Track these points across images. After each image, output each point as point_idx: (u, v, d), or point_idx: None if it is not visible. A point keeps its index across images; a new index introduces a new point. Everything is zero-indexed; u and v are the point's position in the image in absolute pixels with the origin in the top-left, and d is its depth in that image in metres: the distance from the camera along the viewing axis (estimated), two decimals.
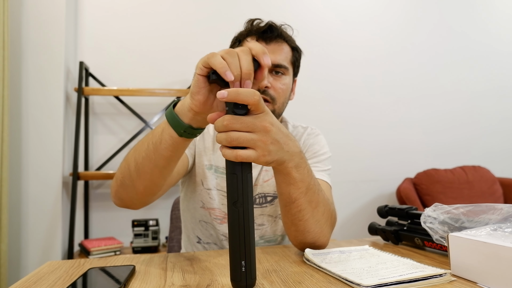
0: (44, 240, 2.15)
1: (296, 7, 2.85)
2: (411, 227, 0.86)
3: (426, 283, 0.58)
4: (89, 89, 2.26)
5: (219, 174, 1.02)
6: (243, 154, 0.55)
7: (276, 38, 0.98)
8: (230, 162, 0.56)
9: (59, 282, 0.62)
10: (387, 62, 3.05)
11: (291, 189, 0.68)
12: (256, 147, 0.57)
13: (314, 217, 0.73)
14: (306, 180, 0.69)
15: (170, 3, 2.59)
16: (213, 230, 1.02)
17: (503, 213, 0.67)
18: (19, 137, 2.15)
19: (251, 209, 0.56)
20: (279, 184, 0.70)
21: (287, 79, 1.01)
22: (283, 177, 0.67)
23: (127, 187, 0.76)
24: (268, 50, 0.96)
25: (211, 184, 1.01)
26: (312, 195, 0.71)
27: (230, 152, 0.55)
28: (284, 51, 1.00)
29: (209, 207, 1.01)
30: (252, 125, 0.56)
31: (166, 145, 0.66)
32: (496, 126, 3.30)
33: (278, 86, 0.97)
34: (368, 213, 2.94)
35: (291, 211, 0.72)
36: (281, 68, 0.98)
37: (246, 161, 0.55)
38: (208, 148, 1.04)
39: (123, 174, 0.75)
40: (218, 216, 1.01)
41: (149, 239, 2.21)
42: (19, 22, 2.16)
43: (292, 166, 0.65)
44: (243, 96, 0.54)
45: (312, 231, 0.75)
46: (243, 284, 0.55)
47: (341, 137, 2.91)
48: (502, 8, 3.36)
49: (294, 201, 0.70)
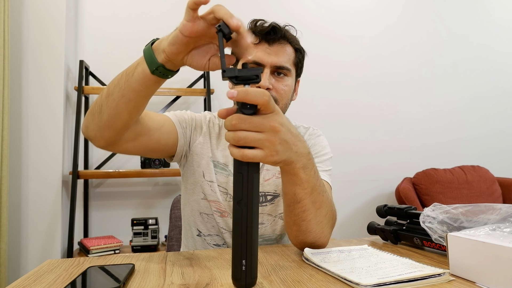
0: (44, 239, 2.15)
1: (295, 8, 2.85)
2: (410, 226, 0.86)
3: (425, 282, 0.58)
4: (89, 88, 2.26)
5: (218, 169, 1.02)
6: (249, 153, 0.55)
7: (279, 40, 0.98)
8: (237, 161, 0.55)
9: (58, 281, 0.62)
10: (386, 62, 3.05)
11: (297, 189, 0.68)
12: (263, 147, 0.56)
13: (317, 218, 0.73)
14: (312, 181, 0.69)
15: (171, 3, 2.59)
16: (215, 222, 1.02)
17: (502, 213, 0.68)
18: (19, 136, 2.15)
19: (255, 209, 0.56)
20: (285, 184, 0.70)
21: (290, 80, 1.01)
22: (290, 177, 0.67)
23: (94, 114, 0.76)
24: (271, 52, 0.97)
25: (213, 177, 1.01)
26: (317, 196, 0.71)
27: (237, 151, 0.55)
28: (287, 52, 1.00)
29: (210, 199, 1.01)
30: (260, 125, 0.56)
31: (138, 78, 0.68)
32: (495, 126, 3.30)
33: (280, 87, 0.98)
34: (367, 212, 2.94)
35: (294, 211, 0.72)
36: (284, 69, 0.98)
37: (252, 161, 0.55)
38: (213, 142, 1.04)
39: (95, 102, 0.77)
40: (218, 209, 1.01)
41: (148, 238, 2.22)
42: (20, 21, 2.16)
43: (299, 166, 0.65)
44: (252, 96, 0.54)
45: (313, 231, 0.75)
46: (242, 283, 0.55)
47: (340, 137, 2.91)
48: (501, 9, 3.36)
49: (299, 202, 0.70)
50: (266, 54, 0.97)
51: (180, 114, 1.02)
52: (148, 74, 0.67)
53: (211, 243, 1.03)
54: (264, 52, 0.97)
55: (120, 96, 0.71)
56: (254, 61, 0.97)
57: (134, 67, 0.69)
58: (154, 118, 0.90)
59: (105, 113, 0.74)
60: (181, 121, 1.00)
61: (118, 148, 0.83)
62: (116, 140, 0.80)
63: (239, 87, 0.55)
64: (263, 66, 0.96)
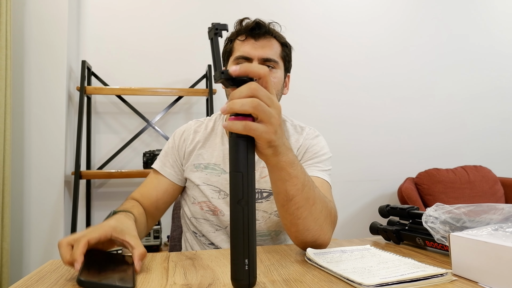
0: (46, 239, 2.16)
1: (296, 8, 2.85)
2: (412, 226, 0.86)
3: (427, 282, 0.58)
4: (91, 88, 2.26)
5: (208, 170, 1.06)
6: (252, 125, 0.54)
7: (264, 34, 1.02)
8: (235, 160, 0.55)
9: (61, 281, 0.62)
10: (388, 63, 3.04)
11: (288, 185, 0.68)
12: (269, 122, 0.56)
13: (313, 215, 0.74)
14: (301, 176, 0.69)
15: (173, 4, 2.60)
16: (205, 224, 1.06)
17: (505, 213, 0.67)
18: (21, 136, 2.15)
19: (254, 207, 0.56)
20: (275, 183, 0.70)
21: (278, 72, 1.04)
22: (279, 174, 0.67)
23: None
24: (258, 46, 1.01)
25: (198, 180, 1.06)
26: (309, 192, 0.71)
27: (239, 123, 0.54)
28: (274, 46, 1.04)
29: (200, 200, 1.05)
30: (271, 101, 0.57)
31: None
32: (498, 126, 3.30)
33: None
34: (370, 212, 2.94)
35: (289, 210, 0.72)
36: (271, 62, 1.02)
37: (253, 133, 0.54)
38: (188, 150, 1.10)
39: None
40: (209, 208, 1.05)
41: (150, 238, 2.22)
42: (22, 21, 2.17)
43: (286, 160, 0.65)
44: (253, 68, 0.55)
45: (311, 229, 0.75)
46: (245, 283, 0.54)
47: (342, 137, 2.91)
48: (502, 9, 3.36)
49: (292, 199, 0.70)
50: (253, 49, 1.01)
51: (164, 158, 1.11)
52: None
53: (206, 243, 1.08)
54: (251, 46, 1.01)
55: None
56: (242, 55, 1.01)
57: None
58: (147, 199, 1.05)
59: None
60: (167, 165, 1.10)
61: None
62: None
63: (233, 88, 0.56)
64: (251, 60, 1.00)
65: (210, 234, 1.06)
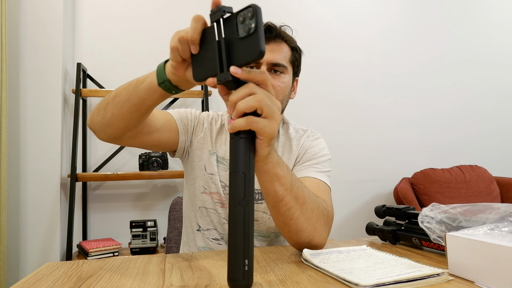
0: (43, 242, 2.15)
1: (295, 9, 2.86)
2: (408, 227, 0.86)
3: (423, 282, 0.58)
4: (86, 91, 2.25)
5: (219, 164, 1.05)
6: (255, 118, 0.55)
7: (274, 38, 1.00)
8: (236, 160, 0.55)
9: (57, 284, 0.62)
10: (385, 63, 3.06)
11: (276, 186, 0.69)
12: (272, 117, 0.57)
13: (304, 214, 0.74)
14: (288, 176, 0.70)
15: (168, 5, 2.59)
16: (215, 215, 1.04)
17: (500, 213, 0.68)
18: (17, 139, 2.14)
19: (253, 208, 0.56)
20: (263, 184, 0.70)
21: (286, 77, 1.02)
22: (266, 175, 0.68)
23: (100, 110, 0.83)
24: (267, 50, 0.99)
25: (215, 169, 1.04)
26: (298, 191, 0.72)
27: (242, 119, 0.55)
28: (283, 50, 1.02)
29: (212, 191, 1.04)
30: (271, 97, 0.58)
31: (145, 87, 0.73)
32: (493, 126, 3.31)
33: (277, 84, 0.99)
34: (366, 213, 2.94)
35: (280, 211, 0.72)
36: (280, 67, 1.00)
37: (257, 128, 0.55)
38: (213, 136, 1.07)
39: (102, 99, 0.84)
40: (220, 200, 1.03)
41: (147, 240, 2.21)
42: (17, 24, 2.16)
43: (273, 161, 0.67)
44: (253, 74, 0.56)
45: (304, 229, 0.75)
46: (244, 284, 0.54)
47: (339, 138, 2.91)
48: (500, 9, 3.38)
49: (282, 199, 0.71)
50: None
51: (183, 112, 1.06)
52: (155, 85, 0.71)
53: (209, 237, 1.05)
54: None
55: (126, 99, 0.77)
56: None
57: (145, 77, 0.74)
58: (156, 116, 0.95)
59: (109, 112, 0.80)
60: (183, 118, 1.04)
61: (120, 142, 0.89)
62: (117, 137, 0.86)
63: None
64: (259, 63, 0.98)
65: (219, 226, 1.04)
